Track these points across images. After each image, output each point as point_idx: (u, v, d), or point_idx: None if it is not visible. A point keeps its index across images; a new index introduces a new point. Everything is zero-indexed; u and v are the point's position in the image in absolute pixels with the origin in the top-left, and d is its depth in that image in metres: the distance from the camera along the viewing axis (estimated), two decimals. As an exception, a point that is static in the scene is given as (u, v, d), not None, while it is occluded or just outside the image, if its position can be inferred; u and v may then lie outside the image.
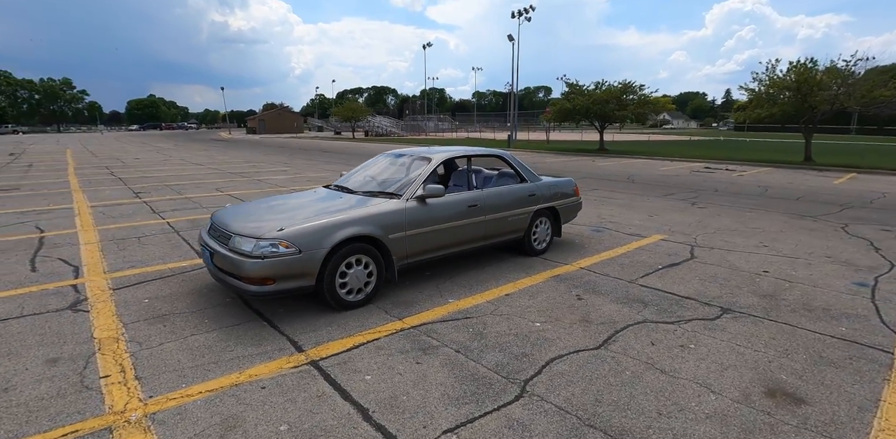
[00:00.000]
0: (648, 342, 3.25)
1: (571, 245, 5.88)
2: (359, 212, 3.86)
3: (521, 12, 32.39)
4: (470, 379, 2.80)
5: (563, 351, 3.12)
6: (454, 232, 4.41)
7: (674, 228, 6.83)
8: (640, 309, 3.84)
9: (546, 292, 4.23)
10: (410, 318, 3.67)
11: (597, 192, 10.45)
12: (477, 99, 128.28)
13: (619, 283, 4.46)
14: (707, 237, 6.31)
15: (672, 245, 5.90)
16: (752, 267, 4.99)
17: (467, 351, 3.14)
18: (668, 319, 3.64)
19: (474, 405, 2.55)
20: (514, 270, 4.84)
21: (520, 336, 3.36)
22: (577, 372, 2.87)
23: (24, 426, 2.41)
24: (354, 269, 3.76)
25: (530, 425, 2.37)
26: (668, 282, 4.50)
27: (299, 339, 3.34)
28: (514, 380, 2.78)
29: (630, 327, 3.50)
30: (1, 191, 10.75)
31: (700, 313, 3.76)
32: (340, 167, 16.40)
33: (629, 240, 6.15)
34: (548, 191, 5.34)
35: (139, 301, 4.07)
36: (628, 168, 16.48)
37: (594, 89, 23.11)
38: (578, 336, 3.36)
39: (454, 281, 4.52)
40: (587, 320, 3.63)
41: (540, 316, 3.71)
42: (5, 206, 8.64)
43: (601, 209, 8.39)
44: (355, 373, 2.89)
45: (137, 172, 14.83)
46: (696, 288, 4.34)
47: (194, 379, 2.84)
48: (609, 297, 4.10)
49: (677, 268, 4.92)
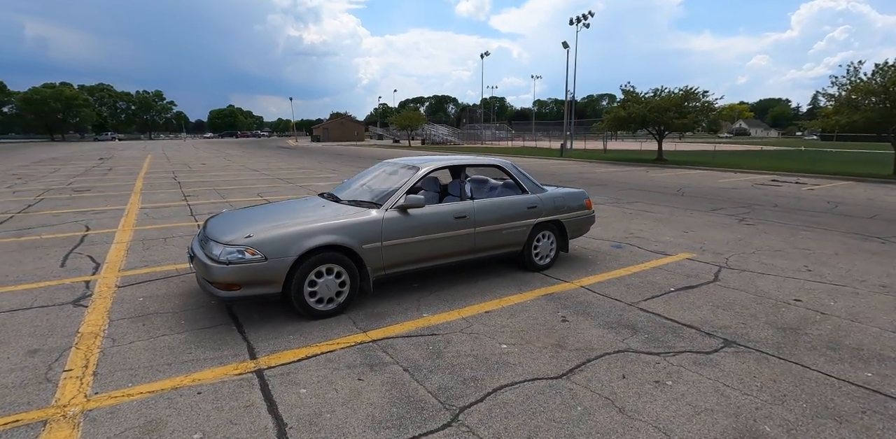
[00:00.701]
0: (619, 374, 2.91)
1: (582, 261, 5.51)
2: (332, 222, 3.82)
3: (578, 19, 31.67)
4: (404, 402, 2.63)
5: (518, 379, 2.87)
6: (438, 244, 4.25)
7: (707, 246, 6.22)
8: (626, 336, 3.48)
9: (530, 311, 3.95)
10: (375, 331, 3.56)
11: (635, 205, 9.82)
12: (538, 107, 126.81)
13: (616, 306, 4.08)
14: (742, 257, 5.67)
15: (697, 265, 5.35)
16: (782, 294, 4.39)
17: (416, 371, 2.97)
18: (654, 350, 3.25)
19: (395, 430, 2.38)
20: (506, 286, 4.59)
21: (479, 358, 3.14)
22: (522, 402, 2.61)
23: (-27, 414, 2.55)
24: (325, 278, 3.72)
25: (445, 459, 2.17)
26: (673, 306, 4.06)
27: (258, 346, 3.33)
28: (450, 407, 2.58)
29: (606, 356, 3.16)
30: (75, 192, 11.95)
31: (696, 345, 3.33)
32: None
33: (650, 257, 5.67)
34: (552, 204, 5.03)
35: (135, 299, 4.28)
36: (683, 180, 15.41)
37: (652, 96, 21.98)
38: (543, 362, 3.08)
39: (438, 294, 4.35)
40: (561, 345, 3.33)
41: (511, 337, 3.46)
42: (70, 206, 9.57)
43: (632, 223, 7.84)
44: (293, 386, 2.81)
45: (197, 177, 15.96)
46: (703, 315, 3.87)
47: (143, 380, 2.90)
48: (597, 321, 3.75)
49: (692, 292, 4.44)
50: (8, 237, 6.74)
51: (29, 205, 9.75)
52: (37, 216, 8.43)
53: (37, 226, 7.48)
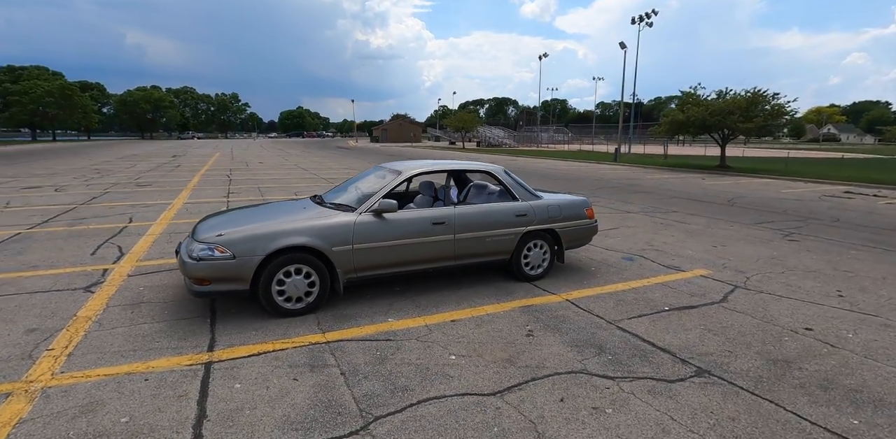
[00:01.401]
0: (559, 397, 2.73)
1: (582, 273, 5.24)
2: (303, 223, 3.91)
3: (641, 18, 30.26)
4: (324, 406, 2.63)
5: (450, 392, 2.77)
6: (414, 249, 4.22)
7: (731, 263, 5.70)
8: (589, 356, 3.26)
9: (498, 323, 3.82)
10: (333, 333, 3.59)
11: (672, 216, 9.21)
12: (601, 109, 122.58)
13: (594, 323, 3.84)
14: (766, 277, 5.14)
15: (709, 283, 4.92)
16: (794, 321, 3.93)
17: (352, 375, 2.96)
18: (611, 373, 3.02)
19: (302, 433, 2.39)
20: (488, 295, 4.47)
21: (421, 367, 3.07)
22: (440, 417, 2.52)
23: (-48, 384, 2.86)
24: (293, 278, 3.81)
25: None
26: (658, 328, 3.76)
27: (220, 339, 3.47)
28: (367, 415, 2.54)
29: (555, 376, 2.98)
30: (138, 186, 13.11)
31: (662, 371, 3.06)
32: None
33: (659, 272, 5.29)
34: (544, 212, 4.83)
35: (137, 288, 4.61)
36: (740, 189, 14.26)
37: (715, 98, 20.54)
38: (484, 377, 2.95)
39: (414, 299, 4.31)
40: (512, 360, 3.18)
41: (465, 348, 3.35)
42: (127, 200, 10.50)
43: (658, 234, 7.35)
44: (231, 380, 2.90)
45: (249, 175, 16.96)
46: (688, 339, 3.55)
47: (107, 363, 3.11)
48: (565, 338, 3.55)
49: (688, 313, 4.08)
50: (62, 226, 7.52)
51: (94, 197, 10.82)
52: (95, 208, 9.34)
53: (90, 217, 8.28)
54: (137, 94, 78.32)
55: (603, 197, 11.81)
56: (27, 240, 6.51)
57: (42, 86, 58.07)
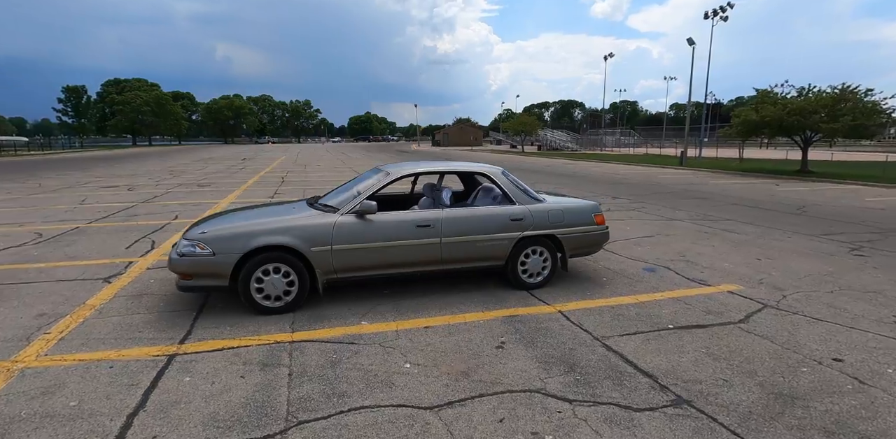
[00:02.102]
0: (499, 417, 2.49)
1: (590, 283, 4.86)
2: (284, 224, 3.94)
3: (715, 12, 28.18)
4: (256, 405, 2.60)
5: (386, 402, 2.63)
6: (397, 252, 4.11)
7: (770, 279, 5.03)
8: (555, 374, 2.97)
9: (472, 332, 3.61)
10: (301, 333, 3.57)
11: (722, 224, 8.37)
12: (675, 111, 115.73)
13: (578, 338, 3.51)
14: (808, 296, 4.47)
15: (735, 300, 4.36)
16: (823, 349, 3.36)
17: (298, 377, 2.91)
18: (571, 395, 2.72)
19: (222, 431, 2.37)
20: (477, 302, 4.25)
21: (370, 374, 2.95)
22: (364, 428, 2.39)
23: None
24: (272, 277, 3.84)
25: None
26: (650, 348, 3.36)
27: (194, 333, 3.57)
28: (291, 419, 2.47)
29: (506, 394, 2.73)
30: (198, 186, 14.14)
31: (632, 398, 2.71)
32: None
33: (680, 285, 4.78)
34: (544, 217, 4.52)
35: (148, 280, 4.90)
36: (816, 196, 12.72)
37: (796, 97, 18.57)
38: (430, 389, 2.78)
39: (399, 303, 4.20)
40: (468, 373, 2.97)
41: (425, 357, 3.19)
42: (182, 198, 11.35)
43: (696, 244, 6.69)
44: (184, 373, 2.96)
45: (302, 176, 17.75)
46: (680, 363, 3.13)
47: (87, 349, 3.30)
48: (537, 352, 3.27)
49: (693, 332, 3.63)
50: (116, 221, 8.24)
51: (155, 196, 11.81)
52: (151, 206, 10.17)
53: (143, 214, 9.02)
54: (221, 103, 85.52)
55: (652, 202, 11.02)
56: (80, 234, 7.20)
57: (141, 96, 65.14)
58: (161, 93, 70.21)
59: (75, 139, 66.21)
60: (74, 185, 14.63)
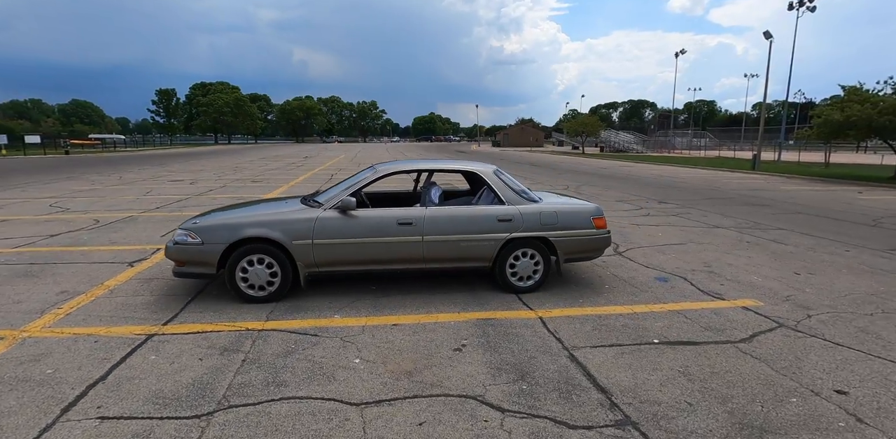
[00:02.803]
0: (420, 420, 2.41)
1: (589, 289, 4.58)
2: (269, 217, 4.08)
3: (801, 2, 25.63)
4: (198, 387, 2.72)
5: (318, 395, 2.64)
6: (377, 248, 4.11)
7: (802, 296, 4.48)
8: (502, 382, 2.82)
9: (438, 333, 3.53)
10: (274, 322, 3.68)
11: (772, 233, 7.59)
12: (758, 111, 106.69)
13: (544, 346, 3.32)
14: (838, 318, 3.93)
15: (747, 317, 3.93)
16: (829, 379, 2.93)
17: (250, 363, 3.01)
18: (507, 405, 2.58)
19: (158, 407, 2.53)
20: (458, 302, 4.16)
21: (316, 366, 2.98)
22: (284, 418, 2.41)
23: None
24: (255, 267, 3.99)
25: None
26: (619, 362, 3.11)
27: (180, 316, 3.79)
28: (223, 402, 2.56)
29: (441, 397, 2.64)
30: (252, 182, 15.05)
31: (573, 414, 2.51)
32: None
33: (690, 298, 4.39)
34: (535, 218, 4.31)
35: (163, 265, 5.27)
36: (905, 206, 11.17)
37: (891, 94, 16.46)
38: (367, 386, 2.75)
39: (380, 299, 4.21)
40: (413, 374, 2.90)
41: (378, 354, 3.16)
42: (233, 192, 12.12)
43: (730, 254, 6.11)
44: (153, 352, 3.16)
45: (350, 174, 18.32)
46: (646, 381, 2.87)
47: (86, 324, 3.62)
48: (494, 358, 3.13)
49: (679, 349, 3.31)
50: (166, 212, 8.97)
51: (210, 189, 12.72)
52: (202, 198, 10.96)
53: (192, 206, 9.74)
54: (294, 104, 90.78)
55: (700, 208, 10.23)
56: (130, 222, 7.91)
57: (222, 98, 70.74)
58: (240, 95, 75.93)
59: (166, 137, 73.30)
60: (148, 179, 16.13)
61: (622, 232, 7.45)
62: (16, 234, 6.89)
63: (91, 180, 15.49)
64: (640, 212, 9.59)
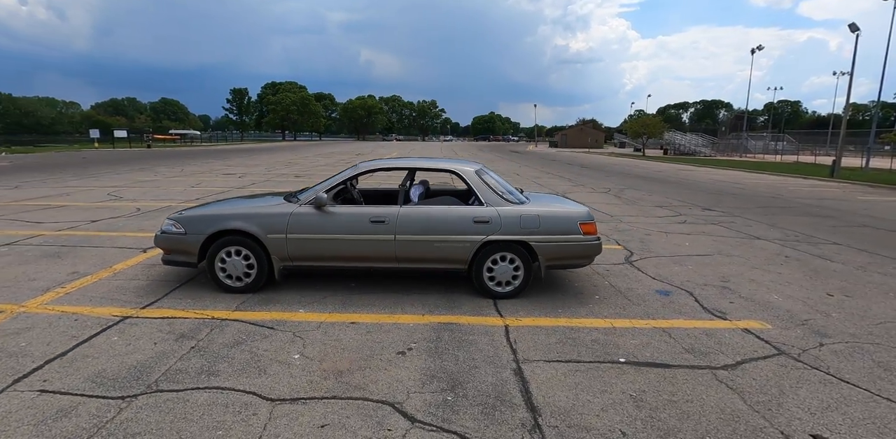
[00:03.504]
0: (324, 423, 2.34)
1: (576, 299, 4.29)
2: (248, 211, 4.18)
3: (903, -12, 22.69)
4: (138, 370, 2.85)
5: (241, 387, 2.66)
6: (350, 245, 4.08)
7: (822, 321, 3.93)
8: (430, 390, 2.69)
9: (390, 334, 3.44)
10: (240, 313, 3.76)
11: (823, 248, 6.76)
12: (852, 113, 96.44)
13: (495, 357, 3.14)
14: (860, 349, 3.39)
15: (744, 341, 3.50)
16: (811, 420, 2.52)
17: (196, 350, 3.11)
18: (421, 416, 2.43)
19: (95, 386, 2.66)
20: (429, 304, 4.04)
21: (255, 358, 3.00)
22: (198, 407, 2.44)
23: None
24: (233, 258, 4.11)
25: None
26: (567, 381, 2.86)
27: (160, 301, 3.99)
28: (152, 387, 2.65)
29: (358, 401, 2.55)
30: (295, 176, 15.67)
31: (488, 433, 2.33)
32: (552, 179, 16.00)
33: (686, 315, 3.99)
34: (515, 221, 4.09)
35: (173, 253, 5.57)
36: None
37: None
38: (294, 382, 2.72)
39: (351, 296, 4.19)
40: (344, 374, 2.84)
41: (320, 351, 3.13)
42: (272, 186, 12.66)
43: (757, 269, 5.50)
44: (119, 333, 3.35)
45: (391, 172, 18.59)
46: (587, 403, 2.61)
47: (76, 303, 3.90)
48: (435, 364, 2.99)
49: (643, 371, 3.00)
50: (203, 203, 9.52)
51: (254, 183, 13.38)
52: (242, 191, 11.55)
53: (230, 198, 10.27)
54: (356, 103, 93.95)
55: (749, 217, 9.35)
56: (166, 211, 8.47)
57: (289, 97, 74.49)
58: (306, 94, 79.83)
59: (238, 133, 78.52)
60: (206, 171, 17.28)
61: (644, 240, 6.95)
62: (64, 219, 7.60)
63: (156, 172, 16.85)
64: (676, 219, 8.92)
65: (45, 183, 13.00)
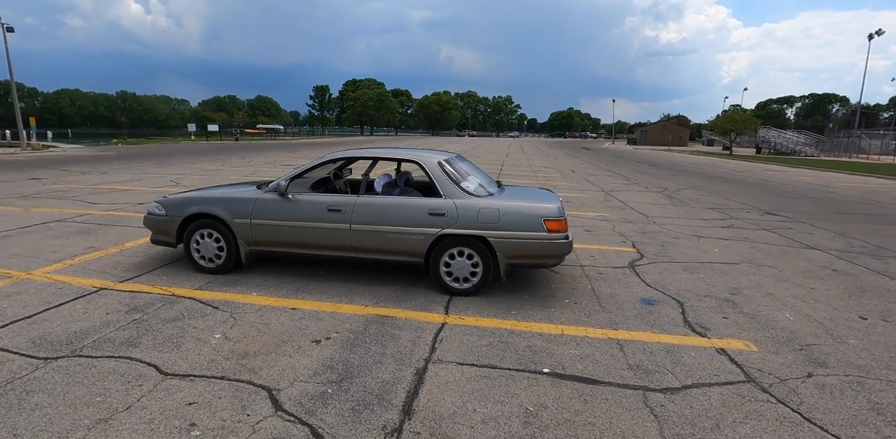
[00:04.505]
0: (193, 401, 2.35)
1: (543, 301, 3.97)
2: (218, 196, 4.36)
3: None
4: (76, 336, 3.11)
5: (148, 359, 2.80)
6: (308, 233, 4.10)
7: (831, 349, 3.29)
8: (318, 382, 2.62)
9: (322, 322, 3.41)
10: (199, 292, 3.94)
11: (891, 262, 5.70)
12: None
13: (409, 354, 2.98)
14: (859, 385, 2.79)
15: (713, 363, 3.02)
16: (732, 460, 2.11)
17: (135, 323, 3.31)
18: (288, 406, 2.37)
19: (30, 347, 2.93)
20: (380, 296, 3.96)
21: (180, 334, 3.15)
22: (100, 372, 2.61)
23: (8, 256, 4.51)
24: (205, 240, 4.31)
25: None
26: (472, 387, 2.64)
27: (140, 277, 4.29)
28: (75, 352, 2.87)
29: (242, 384, 2.55)
30: (346, 168, 16.18)
31: (341, 432, 2.21)
32: (607, 177, 15.09)
33: (658, 328, 3.53)
34: (472, 214, 3.85)
35: (183, 235, 5.98)
36: None
37: None
38: (198, 360, 2.80)
39: (309, 283, 4.23)
40: (247, 355, 2.86)
41: (243, 333, 3.19)
42: (317, 176, 13.19)
43: (784, 282, 4.75)
44: (86, 303, 3.66)
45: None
46: (472, 414, 2.39)
47: (71, 274, 4.33)
48: (343, 356, 2.92)
49: (565, 385, 2.69)
50: (243, 189, 10.16)
51: (302, 173, 14.01)
52: (286, 180, 12.15)
53: (269, 186, 10.86)
54: (431, 98, 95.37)
55: (815, 223, 8.12)
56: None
57: (367, 93, 77.38)
58: (383, 90, 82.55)
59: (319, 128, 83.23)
60: (268, 163, 18.46)
61: (667, 243, 6.30)
62: (120, 201, 8.49)
63: (225, 162, 18.30)
64: (723, 223, 7.99)
65: (129, 169, 14.63)
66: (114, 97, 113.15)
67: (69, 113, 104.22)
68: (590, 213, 8.55)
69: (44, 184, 10.67)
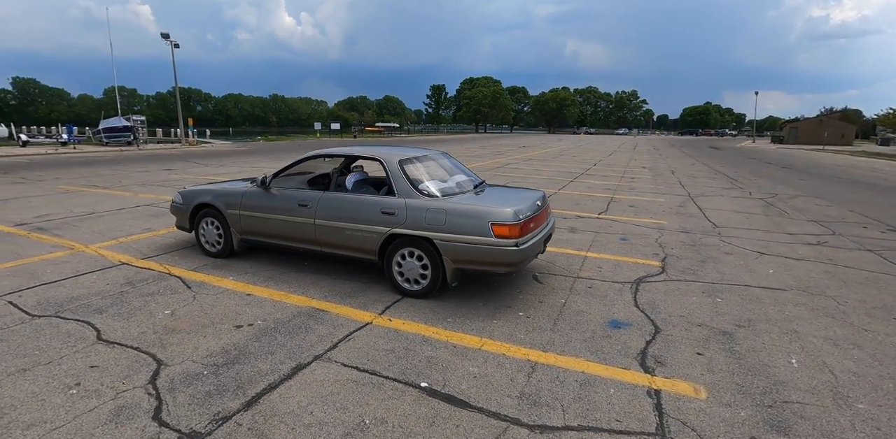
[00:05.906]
0: (79, 381, 2.70)
1: (497, 312, 3.72)
2: (219, 190, 4.87)
3: None
4: (64, 300, 3.76)
5: (99, 325, 3.31)
6: (282, 225, 4.37)
7: (819, 413, 2.57)
8: (202, 357, 2.80)
9: (262, 309, 3.65)
10: (189, 272, 4.48)
11: None
12: None
13: (299, 348, 3.04)
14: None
15: (630, 407, 2.58)
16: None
17: (119, 294, 3.89)
18: (168, 398, 2.59)
19: (31, 306, 3.59)
20: (336, 291, 4.07)
21: (143, 305, 3.64)
22: (43, 335, 3.13)
23: (20, 246, 5.55)
24: (209, 228, 4.87)
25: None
26: (320, 391, 2.61)
27: (159, 257, 4.97)
28: (52, 314, 3.47)
29: (140, 354, 2.84)
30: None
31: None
32: (710, 180, 13.33)
33: (596, 355, 3.10)
34: (420, 215, 3.71)
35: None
36: None
37: None
38: (130, 333, 3.20)
39: (285, 274, 4.50)
40: (173, 332, 3.18)
41: (187, 313, 3.56)
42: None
43: (830, 320, 3.77)
44: (101, 275, 4.38)
45: (527, 166, 18.10)
46: (300, 412, 2.36)
47: (110, 250, 5.18)
48: (243, 341, 3.08)
49: (429, 405, 2.52)
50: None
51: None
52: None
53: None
54: (548, 95, 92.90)
55: None
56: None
57: (482, 91, 78.06)
58: (498, 88, 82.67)
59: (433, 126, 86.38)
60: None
61: (710, 259, 5.41)
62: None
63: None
64: (814, 240, 6.58)
65: (245, 163, 16.82)
66: (267, 100, 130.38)
67: (233, 114, 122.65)
68: (645, 220, 7.66)
69: (169, 174, 12.81)
